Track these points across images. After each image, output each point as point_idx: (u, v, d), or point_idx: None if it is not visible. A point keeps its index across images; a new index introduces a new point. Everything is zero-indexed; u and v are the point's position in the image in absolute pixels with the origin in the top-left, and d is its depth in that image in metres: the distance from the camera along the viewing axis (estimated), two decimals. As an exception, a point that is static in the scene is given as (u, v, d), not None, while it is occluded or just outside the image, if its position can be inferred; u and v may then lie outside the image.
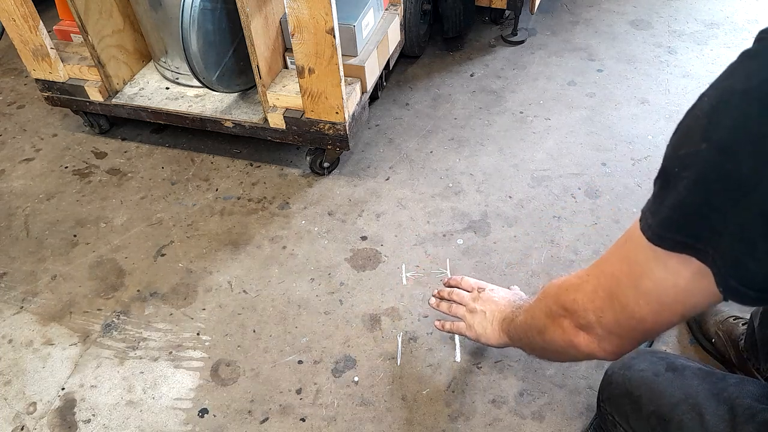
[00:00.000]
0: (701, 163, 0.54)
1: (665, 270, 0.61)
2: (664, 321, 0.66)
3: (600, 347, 0.75)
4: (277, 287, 1.49)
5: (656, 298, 0.64)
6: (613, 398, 0.97)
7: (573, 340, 0.78)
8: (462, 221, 1.61)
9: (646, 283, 0.64)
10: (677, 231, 0.58)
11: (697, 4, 2.37)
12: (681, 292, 0.62)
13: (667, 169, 0.59)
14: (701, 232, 0.56)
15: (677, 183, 0.56)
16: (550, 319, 0.83)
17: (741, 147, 0.51)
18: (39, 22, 1.67)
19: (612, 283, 0.69)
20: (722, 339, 1.23)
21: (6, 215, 1.74)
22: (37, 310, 1.48)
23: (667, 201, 0.58)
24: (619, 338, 0.73)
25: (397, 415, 1.23)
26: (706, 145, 0.53)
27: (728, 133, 0.51)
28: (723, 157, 0.52)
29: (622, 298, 0.67)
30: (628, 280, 0.66)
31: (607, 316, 0.71)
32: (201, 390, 1.30)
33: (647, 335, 0.71)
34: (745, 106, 0.50)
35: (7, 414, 1.29)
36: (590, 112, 1.92)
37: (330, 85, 1.49)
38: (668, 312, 0.65)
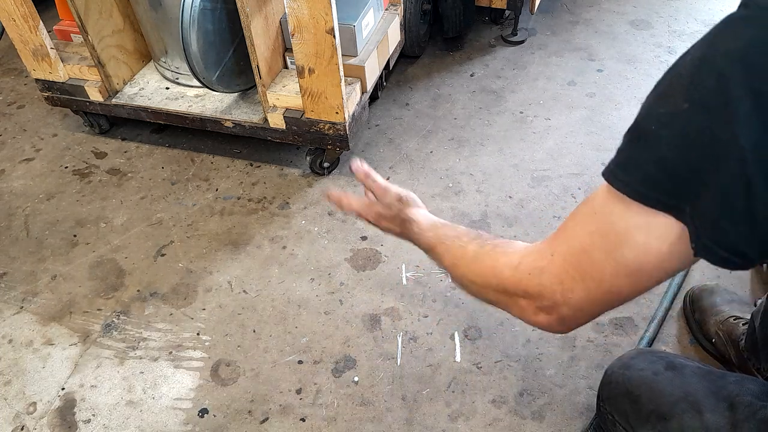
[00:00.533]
0: (683, 122, 0.53)
1: (648, 234, 0.58)
2: (642, 289, 0.63)
3: (563, 324, 0.71)
4: (277, 287, 1.49)
5: (637, 267, 0.60)
6: (613, 398, 0.97)
7: (531, 319, 0.73)
8: (462, 221, 1.60)
9: (626, 253, 0.60)
10: (659, 190, 0.56)
11: (697, 4, 2.37)
12: (663, 258, 0.59)
13: (641, 126, 0.57)
14: (682, 191, 0.55)
15: (656, 141, 0.55)
16: (505, 296, 0.77)
17: (722, 109, 0.50)
18: (39, 22, 1.67)
19: (584, 260, 0.64)
20: (722, 339, 1.23)
21: (6, 215, 1.74)
22: (37, 310, 1.48)
23: (646, 159, 0.56)
24: (587, 314, 0.69)
25: (397, 415, 1.23)
26: (687, 105, 0.52)
27: (710, 94, 0.51)
28: (704, 118, 0.51)
29: (597, 274, 0.63)
30: (604, 254, 0.61)
31: (578, 294, 0.66)
32: (201, 390, 1.30)
33: (618, 305, 0.67)
34: (728, 67, 0.50)
35: (7, 414, 1.29)
36: (590, 112, 1.92)
37: (330, 85, 1.49)
38: (647, 279, 0.62)
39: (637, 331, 1.33)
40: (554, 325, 0.72)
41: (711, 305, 1.28)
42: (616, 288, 0.63)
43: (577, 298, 0.67)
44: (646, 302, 1.38)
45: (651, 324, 1.32)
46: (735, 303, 1.28)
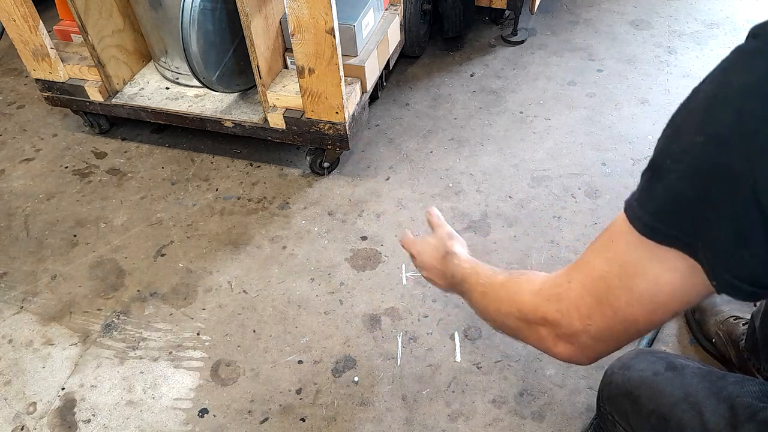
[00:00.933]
0: (696, 155, 0.53)
1: (661, 266, 0.59)
2: (657, 320, 0.64)
3: (583, 355, 0.71)
4: (277, 287, 1.49)
5: (650, 298, 0.61)
6: (613, 398, 0.97)
7: (552, 350, 0.73)
8: (462, 221, 1.60)
9: (639, 283, 0.61)
10: (669, 223, 0.57)
11: (697, 4, 2.37)
12: (676, 290, 0.60)
13: (657, 162, 0.58)
14: (692, 225, 0.55)
15: (668, 175, 0.56)
16: (525, 324, 0.77)
17: (738, 142, 0.50)
18: (39, 22, 1.67)
19: (601, 287, 0.65)
20: (722, 339, 1.23)
21: (6, 215, 1.74)
22: (37, 310, 1.48)
23: (658, 192, 0.57)
24: (606, 344, 0.69)
25: (397, 415, 1.23)
26: (702, 139, 0.53)
27: (725, 128, 0.51)
28: (719, 151, 0.52)
29: (614, 301, 0.64)
30: (619, 281, 0.63)
31: (596, 323, 0.67)
32: (201, 390, 1.30)
33: (636, 337, 0.68)
34: (744, 102, 0.50)
35: (7, 414, 1.29)
36: (590, 112, 1.92)
37: (330, 85, 1.49)
38: (662, 311, 0.63)
39: (637, 331, 1.33)
40: (575, 355, 0.71)
41: (711, 305, 1.28)
42: (631, 317, 0.64)
43: (596, 326, 0.67)
44: (646, 302, 1.38)
45: (651, 324, 1.32)
46: (735, 303, 1.28)
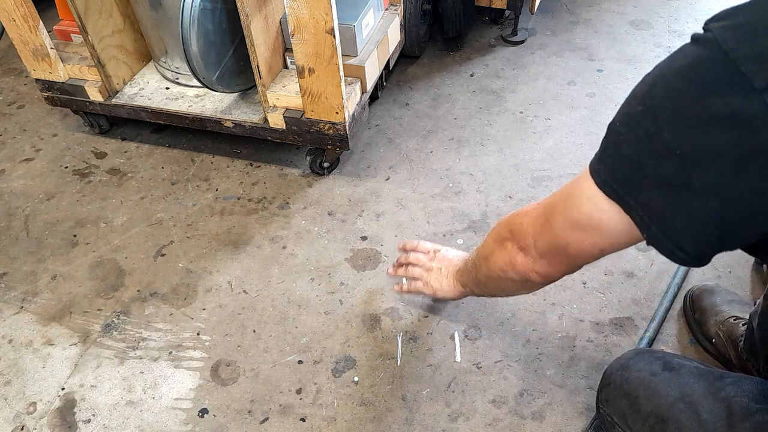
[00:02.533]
0: (635, 122, 0.63)
1: (593, 206, 0.70)
2: (585, 249, 0.76)
3: (533, 268, 0.86)
4: (277, 287, 1.49)
5: (580, 227, 0.73)
6: (612, 399, 0.97)
7: (512, 260, 0.89)
8: (462, 221, 1.61)
9: (574, 212, 0.74)
10: (615, 180, 0.67)
11: (697, 4, 2.37)
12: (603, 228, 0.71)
13: (612, 123, 0.68)
14: (630, 184, 0.65)
15: (617, 137, 0.67)
16: (498, 243, 0.94)
17: (666, 114, 0.59)
18: (39, 22, 1.67)
19: (550, 210, 0.79)
20: (722, 339, 1.23)
21: (6, 215, 1.74)
22: (37, 310, 1.48)
23: (609, 152, 0.68)
24: (548, 262, 0.83)
25: (397, 415, 1.23)
26: (641, 108, 0.62)
27: (658, 101, 0.60)
28: (651, 121, 0.61)
29: (554, 223, 0.78)
30: (563, 209, 0.76)
31: (540, 239, 0.82)
32: (201, 390, 1.30)
33: (569, 262, 0.81)
34: (675, 81, 0.59)
35: (7, 414, 1.29)
36: (590, 112, 1.92)
37: (330, 85, 1.49)
38: (588, 242, 0.74)
39: (637, 331, 1.33)
40: (528, 268, 0.87)
41: (711, 305, 1.28)
42: (563, 239, 0.77)
43: (540, 242, 0.82)
44: (646, 302, 1.39)
45: (651, 324, 1.32)
46: (735, 303, 1.28)
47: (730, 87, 0.54)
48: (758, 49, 0.53)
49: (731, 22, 0.56)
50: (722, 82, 0.55)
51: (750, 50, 0.54)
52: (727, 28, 0.56)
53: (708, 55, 0.56)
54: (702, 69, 0.57)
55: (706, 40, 0.57)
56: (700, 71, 0.57)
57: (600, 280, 1.44)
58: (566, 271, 0.84)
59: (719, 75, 0.55)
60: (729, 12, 0.57)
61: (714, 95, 0.55)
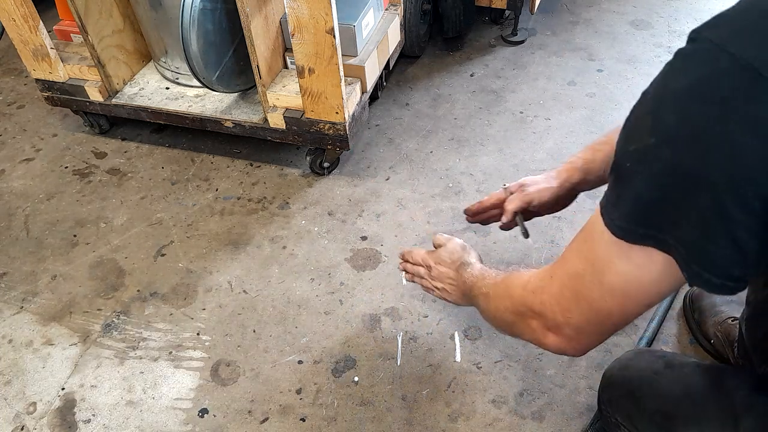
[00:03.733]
0: (650, 157, 0.56)
1: (628, 263, 0.63)
2: (631, 312, 0.68)
3: (570, 346, 0.76)
4: (277, 287, 1.49)
5: (621, 292, 0.65)
6: (615, 400, 0.97)
7: (542, 341, 0.79)
8: (462, 221, 1.60)
9: (609, 277, 0.65)
10: (639, 224, 0.60)
11: (697, 4, 2.37)
12: (645, 284, 0.63)
13: (618, 164, 0.61)
14: (660, 223, 0.58)
15: (632, 177, 0.59)
16: (518, 317, 0.83)
17: (687, 141, 0.53)
18: (39, 22, 1.67)
19: (576, 282, 0.70)
20: (721, 340, 1.23)
21: (6, 215, 1.74)
22: (37, 310, 1.48)
23: (626, 195, 0.61)
24: (588, 336, 0.74)
25: (397, 415, 1.23)
26: (653, 140, 0.56)
27: (672, 129, 0.54)
28: (670, 152, 0.55)
29: (588, 295, 0.69)
30: (591, 277, 0.67)
31: (575, 316, 0.72)
32: (201, 390, 1.30)
33: (615, 328, 0.73)
34: (684, 104, 0.53)
35: (7, 414, 1.29)
36: (590, 112, 1.92)
37: (330, 85, 1.49)
38: (634, 303, 0.66)
39: (637, 331, 1.33)
40: (564, 345, 0.77)
41: (710, 305, 1.28)
42: (605, 309, 0.68)
43: (576, 320, 0.72)
44: (646, 302, 1.38)
45: (651, 324, 1.32)
46: (734, 304, 1.28)
47: (754, 95, 0.50)
48: None
49: (733, 29, 0.52)
50: (744, 92, 0.50)
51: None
52: (733, 34, 0.52)
53: (719, 67, 0.51)
54: (717, 82, 0.51)
55: (708, 51, 0.52)
56: (714, 85, 0.52)
57: (600, 280, 1.43)
58: (607, 338, 0.75)
59: (739, 85, 0.50)
60: (720, 19, 0.54)
61: (736, 107, 0.51)
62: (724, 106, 0.51)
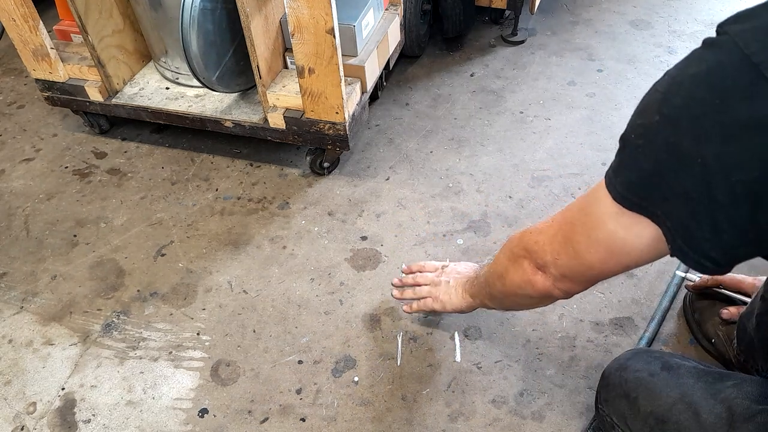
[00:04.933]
0: (653, 133, 0.61)
1: (619, 224, 0.68)
2: (609, 269, 0.74)
3: (554, 285, 0.84)
4: (277, 287, 1.49)
5: (605, 248, 0.71)
6: (611, 400, 0.97)
7: (531, 278, 0.86)
8: (462, 221, 1.61)
9: (599, 232, 0.71)
10: (635, 193, 0.65)
11: (697, 4, 2.37)
12: (628, 246, 0.69)
13: (626, 135, 0.66)
14: (653, 196, 0.63)
15: (635, 149, 0.64)
16: (512, 261, 0.91)
17: (687, 123, 0.57)
18: (39, 22, 1.67)
19: (569, 229, 0.77)
20: (722, 339, 1.23)
21: (6, 215, 1.74)
22: (37, 310, 1.48)
23: (627, 164, 0.66)
24: (570, 280, 0.81)
25: (397, 415, 1.23)
26: (658, 118, 0.60)
27: (676, 110, 0.58)
28: (670, 130, 0.59)
29: (576, 244, 0.75)
30: (583, 228, 0.74)
31: (562, 258, 0.79)
32: (201, 390, 1.30)
33: (594, 279, 0.80)
34: (693, 88, 0.57)
35: (7, 414, 1.29)
36: (590, 112, 1.92)
37: (330, 85, 1.49)
38: (614, 261, 0.72)
39: (637, 331, 1.33)
40: (549, 285, 0.84)
41: (710, 305, 1.28)
42: (588, 260, 0.75)
43: (562, 261, 0.80)
44: (645, 302, 1.39)
45: (650, 324, 1.32)
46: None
47: (753, 92, 0.52)
48: None
49: (751, 25, 0.54)
50: (745, 88, 0.53)
51: None
52: (748, 31, 0.53)
53: (728, 60, 0.54)
54: (722, 74, 0.54)
55: (724, 44, 0.55)
56: (719, 76, 0.54)
57: (600, 280, 1.44)
58: (589, 286, 0.83)
59: (741, 80, 0.53)
60: (746, 14, 0.55)
61: (736, 101, 0.53)
62: (724, 97, 0.54)
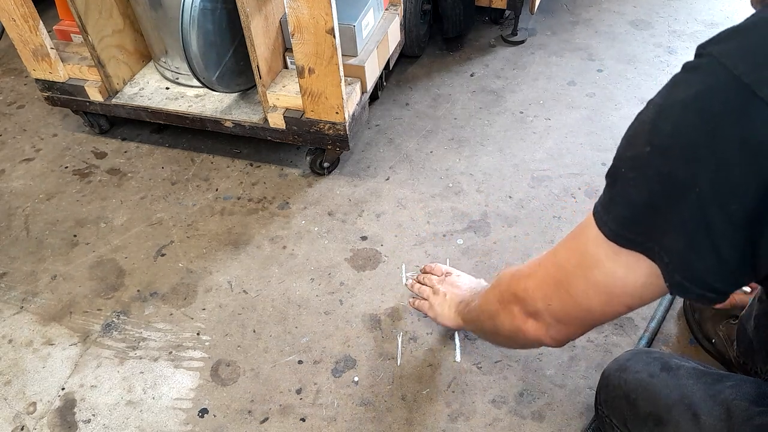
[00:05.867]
0: (644, 164, 0.58)
1: (615, 263, 0.64)
2: (611, 311, 0.70)
3: (547, 334, 0.79)
4: (277, 287, 1.49)
5: (605, 290, 0.67)
6: (610, 401, 0.97)
7: (521, 327, 0.82)
8: (462, 221, 1.61)
9: (596, 274, 0.67)
10: (628, 229, 0.61)
11: (697, 4, 2.37)
12: (630, 286, 0.65)
13: (615, 168, 0.63)
14: (648, 230, 0.60)
15: (625, 182, 0.61)
16: (502, 305, 0.86)
17: (678, 152, 0.55)
18: (39, 22, 1.67)
19: (561, 273, 0.72)
20: (722, 339, 1.23)
21: (6, 215, 1.74)
22: (37, 310, 1.48)
23: (618, 199, 0.63)
24: (566, 326, 0.77)
25: (397, 415, 1.23)
26: (649, 149, 0.57)
27: (667, 139, 0.55)
28: (662, 160, 0.56)
29: (571, 288, 0.71)
30: (578, 270, 0.69)
31: (555, 304, 0.74)
32: (201, 390, 1.30)
33: (594, 324, 0.75)
34: (682, 114, 0.54)
35: (7, 414, 1.29)
36: (590, 112, 1.92)
37: (330, 85, 1.49)
38: (616, 303, 0.68)
39: (637, 331, 1.33)
40: (542, 333, 0.79)
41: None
42: (586, 305, 0.71)
43: (555, 308, 0.75)
44: (646, 302, 1.38)
45: (650, 324, 1.32)
46: (735, 304, 1.28)
47: (746, 113, 0.50)
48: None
49: (736, 44, 0.52)
50: (737, 110, 0.51)
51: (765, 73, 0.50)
52: (733, 51, 0.52)
53: (716, 82, 0.52)
54: (712, 98, 0.52)
55: (709, 66, 0.53)
56: (709, 100, 0.52)
57: (600, 280, 1.43)
58: (586, 331, 0.78)
59: (733, 102, 0.51)
60: (728, 34, 0.54)
61: (729, 125, 0.51)
62: (716, 121, 0.52)
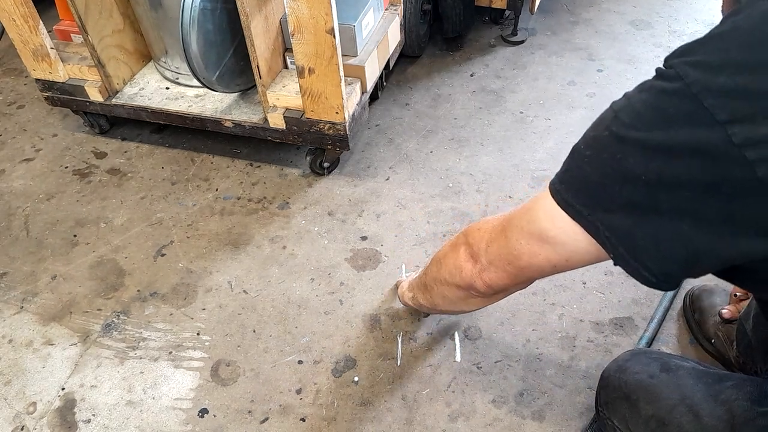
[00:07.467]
0: (601, 146, 0.65)
1: (553, 223, 0.71)
2: (536, 264, 0.76)
3: (479, 275, 0.86)
4: (277, 287, 1.49)
5: (537, 241, 0.74)
6: (611, 402, 0.97)
7: (461, 264, 0.89)
8: (462, 221, 1.60)
9: (533, 227, 0.75)
10: (576, 200, 0.68)
11: (697, 4, 2.37)
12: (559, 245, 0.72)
13: (577, 145, 0.70)
14: (594, 206, 0.66)
15: (582, 159, 0.68)
16: (451, 247, 0.95)
17: (631, 141, 0.62)
18: (39, 22, 1.67)
19: (507, 222, 0.81)
20: (722, 339, 1.23)
21: (6, 215, 1.74)
22: (37, 310, 1.48)
23: (573, 171, 0.70)
24: (496, 270, 0.84)
25: (397, 415, 1.23)
26: (607, 133, 0.64)
27: (625, 128, 0.62)
28: (617, 146, 0.63)
29: (510, 233, 0.79)
30: (521, 222, 0.77)
31: (493, 246, 0.83)
32: (201, 390, 1.30)
33: (519, 273, 0.81)
34: (641, 110, 0.61)
35: (7, 414, 1.29)
36: (590, 112, 1.92)
37: (330, 85, 1.49)
38: (543, 257, 0.75)
39: (637, 331, 1.33)
40: (474, 276, 0.87)
41: (710, 305, 1.28)
42: (516, 251, 0.78)
43: (491, 249, 0.84)
44: (646, 302, 1.39)
45: (651, 324, 1.32)
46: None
47: (693, 119, 0.57)
48: (718, 85, 0.55)
49: (692, 59, 0.59)
50: (686, 115, 0.57)
51: (711, 85, 0.56)
52: (689, 65, 0.58)
53: (672, 89, 0.59)
54: (667, 101, 0.59)
55: (670, 76, 0.60)
56: (665, 103, 0.59)
57: (600, 280, 1.44)
58: (513, 283, 0.84)
59: (683, 108, 0.58)
60: (688, 48, 0.60)
61: (678, 126, 0.58)
62: (669, 122, 0.59)
